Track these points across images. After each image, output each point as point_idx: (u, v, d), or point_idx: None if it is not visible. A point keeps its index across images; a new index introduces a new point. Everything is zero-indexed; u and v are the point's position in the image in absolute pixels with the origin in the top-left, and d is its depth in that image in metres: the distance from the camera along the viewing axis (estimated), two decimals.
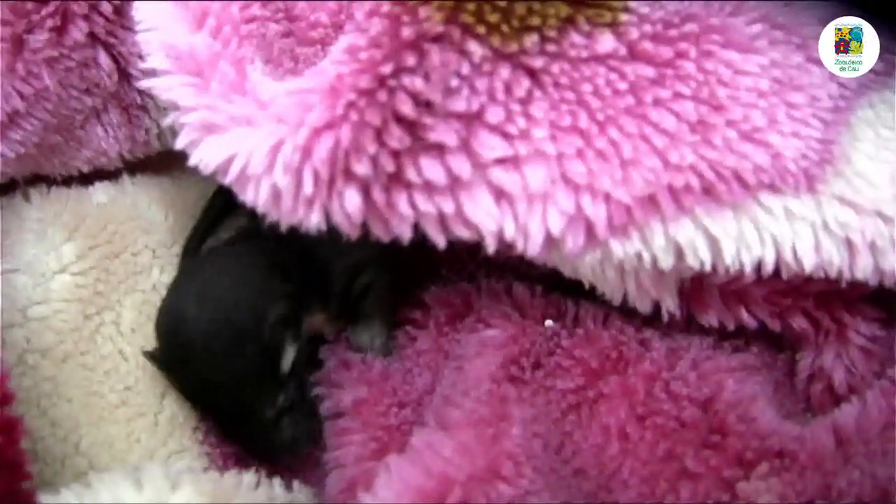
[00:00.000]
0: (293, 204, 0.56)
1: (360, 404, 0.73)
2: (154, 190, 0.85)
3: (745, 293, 0.66)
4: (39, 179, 0.84)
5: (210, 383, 0.72)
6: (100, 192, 0.83)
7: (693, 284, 0.66)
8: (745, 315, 0.67)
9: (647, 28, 0.58)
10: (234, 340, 0.70)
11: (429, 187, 0.56)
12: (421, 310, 0.79)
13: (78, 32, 0.73)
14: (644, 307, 0.68)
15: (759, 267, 0.60)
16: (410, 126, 0.54)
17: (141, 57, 0.65)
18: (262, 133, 0.55)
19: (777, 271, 0.60)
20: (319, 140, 0.54)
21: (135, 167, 0.85)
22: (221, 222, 0.79)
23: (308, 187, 0.54)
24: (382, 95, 0.54)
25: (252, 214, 0.59)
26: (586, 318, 0.72)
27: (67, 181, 0.84)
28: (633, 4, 0.58)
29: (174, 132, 0.61)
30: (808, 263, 0.60)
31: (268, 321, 0.71)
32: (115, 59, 0.76)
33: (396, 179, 0.55)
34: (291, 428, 0.74)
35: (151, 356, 0.76)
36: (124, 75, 0.77)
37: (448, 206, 0.56)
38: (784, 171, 0.58)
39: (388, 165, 0.54)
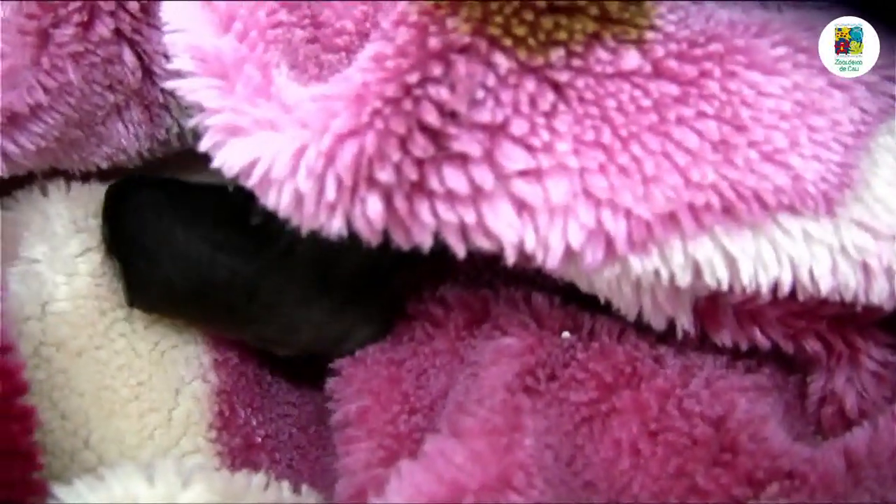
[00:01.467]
0: (315, 209, 0.56)
1: (366, 413, 0.73)
2: None
3: (760, 314, 0.66)
4: (57, 174, 0.84)
5: None
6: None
7: (708, 303, 0.66)
8: (758, 336, 0.67)
9: (673, 46, 0.58)
10: None
11: (451, 197, 0.56)
12: (443, 308, 0.79)
13: (104, 28, 0.73)
14: (659, 324, 0.68)
15: (774, 288, 0.60)
16: (434, 135, 0.54)
17: (166, 56, 0.65)
18: (286, 137, 0.55)
19: (792, 293, 0.60)
20: (343, 146, 0.54)
21: (153, 167, 0.86)
22: None
23: (331, 193, 0.54)
24: (408, 104, 0.54)
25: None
26: (602, 332, 0.72)
27: (86, 177, 0.84)
28: (659, 23, 0.58)
29: (195, 133, 0.61)
30: (825, 286, 0.60)
31: None
32: (139, 57, 0.76)
33: (419, 188, 0.55)
34: None
35: None
36: (148, 73, 0.78)
37: (469, 216, 0.56)
38: (804, 193, 0.58)
39: (412, 174, 0.54)
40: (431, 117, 0.54)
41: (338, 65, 0.66)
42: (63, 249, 0.78)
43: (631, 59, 0.57)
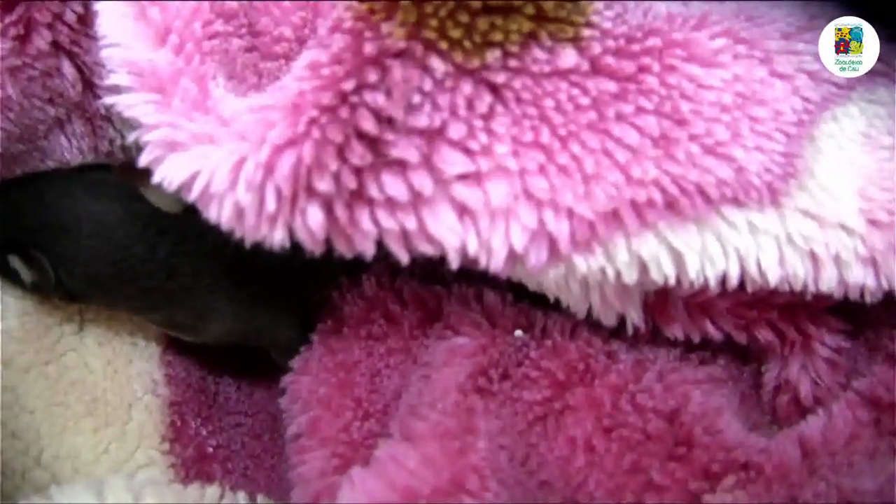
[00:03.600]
0: (256, 221, 0.55)
1: (317, 422, 0.73)
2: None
3: (710, 306, 0.67)
4: None
5: None
6: None
7: (658, 297, 0.66)
8: (710, 327, 0.67)
9: (610, 43, 0.58)
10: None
11: (391, 204, 0.55)
12: (399, 304, 0.78)
13: (41, 41, 0.72)
14: (609, 320, 0.68)
15: (723, 280, 0.60)
16: (372, 143, 0.54)
17: (105, 67, 0.65)
18: (224, 151, 0.55)
19: (741, 284, 0.60)
20: (281, 157, 0.53)
21: None
22: None
23: (271, 204, 0.54)
24: (344, 112, 0.53)
25: None
26: (554, 330, 0.72)
27: None
28: (595, 20, 0.58)
29: (139, 146, 0.60)
30: (773, 277, 0.60)
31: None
32: (78, 69, 0.75)
33: (358, 196, 0.55)
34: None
35: None
36: (88, 85, 0.77)
37: (410, 223, 0.56)
38: (747, 184, 0.58)
39: (350, 182, 0.54)
40: (368, 124, 0.53)
41: (277, 72, 0.65)
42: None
43: (568, 57, 0.57)
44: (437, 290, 0.77)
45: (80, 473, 0.75)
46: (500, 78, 0.56)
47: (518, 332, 0.73)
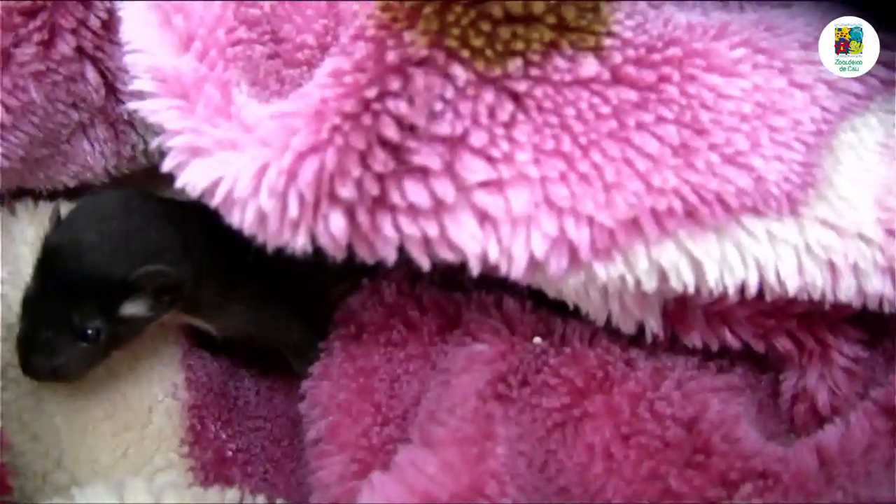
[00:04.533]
0: (279, 227, 0.56)
1: (336, 427, 0.73)
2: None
3: (729, 314, 0.67)
4: (25, 193, 0.84)
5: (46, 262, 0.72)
6: None
7: (676, 305, 0.66)
8: (728, 336, 0.68)
9: (631, 52, 0.58)
10: (97, 245, 0.71)
11: (413, 210, 0.56)
12: (419, 309, 0.78)
13: (65, 46, 0.73)
14: (628, 328, 0.68)
15: (742, 289, 0.60)
16: (394, 150, 0.54)
17: (128, 72, 0.65)
18: (248, 157, 0.55)
19: (760, 293, 0.60)
20: (304, 164, 0.54)
21: (121, 184, 0.85)
22: None
23: (293, 210, 0.54)
24: (367, 119, 0.54)
25: None
26: (573, 337, 0.72)
27: (53, 196, 0.84)
28: (616, 29, 0.58)
29: (161, 152, 0.61)
30: (792, 286, 0.60)
31: (138, 267, 0.71)
32: (102, 74, 0.76)
33: (381, 202, 0.55)
34: (49, 357, 0.72)
35: None
36: (111, 90, 0.78)
37: (432, 229, 0.56)
38: (767, 194, 0.58)
39: (373, 189, 0.54)
40: (391, 131, 0.54)
41: (299, 79, 0.66)
42: (27, 270, 0.77)
43: (589, 66, 0.57)
44: (456, 296, 0.78)
45: (100, 476, 0.75)
46: (521, 86, 0.56)
47: (537, 339, 0.73)
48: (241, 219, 0.57)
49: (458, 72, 0.55)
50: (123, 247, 0.71)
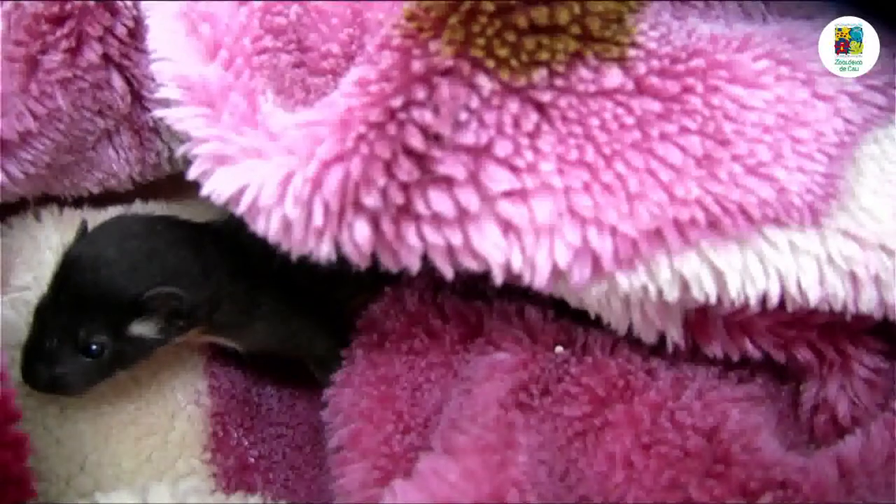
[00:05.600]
0: (303, 235, 0.56)
1: (358, 435, 0.73)
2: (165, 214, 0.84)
3: (750, 325, 0.67)
4: (50, 200, 0.84)
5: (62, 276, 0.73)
6: (111, 215, 0.83)
7: (698, 316, 0.66)
8: (749, 346, 0.67)
9: (655, 63, 0.59)
10: (115, 262, 0.72)
11: (437, 219, 0.56)
12: (441, 318, 0.78)
13: (92, 54, 0.74)
14: (649, 338, 0.68)
15: (763, 299, 0.60)
16: (419, 159, 0.55)
17: (155, 80, 0.65)
18: (273, 165, 0.56)
19: (781, 303, 0.61)
20: (329, 172, 0.54)
21: (146, 191, 0.86)
22: None
23: (318, 219, 0.55)
24: (392, 128, 0.54)
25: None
26: (595, 346, 0.72)
27: (78, 203, 0.85)
28: (640, 40, 0.58)
29: (186, 159, 0.61)
30: (813, 297, 0.60)
31: (151, 288, 0.71)
32: (128, 82, 0.77)
33: (405, 211, 0.56)
34: (49, 367, 0.73)
35: None
36: (137, 98, 0.78)
37: (456, 238, 0.56)
38: (789, 205, 0.59)
39: (397, 198, 0.55)
40: (416, 141, 0.54)
41: (324, 88, 0.66)
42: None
43: (613, 76, 0.58)
44: (478, 305, 0.78)
45: (122, 481, 0.75)
46: (546, 97, 0.57)
47: (559, 349, 0.73)
48: (266, 227, 0.57)
49: (483, 81, 0.55)
50: (140, 267, 0.72)
